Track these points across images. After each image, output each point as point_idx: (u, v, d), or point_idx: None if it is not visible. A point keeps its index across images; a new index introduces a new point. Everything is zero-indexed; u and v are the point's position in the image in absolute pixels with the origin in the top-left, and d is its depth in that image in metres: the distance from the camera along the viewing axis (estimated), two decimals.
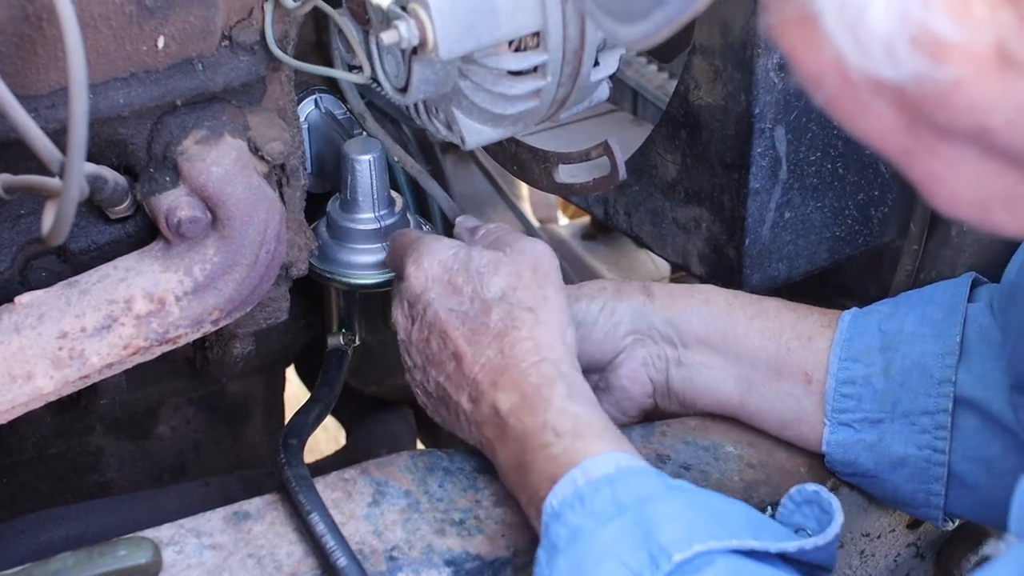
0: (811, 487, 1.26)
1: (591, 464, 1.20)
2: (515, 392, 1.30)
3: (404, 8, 1.20)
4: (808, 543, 1.18)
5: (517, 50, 1.26)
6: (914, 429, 1.37)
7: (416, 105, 1.35)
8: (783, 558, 1.17)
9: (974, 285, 1.43)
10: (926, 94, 0.77)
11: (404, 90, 1.27)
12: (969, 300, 1.41)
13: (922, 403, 1.37)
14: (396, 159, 1.59)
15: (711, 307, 1.46)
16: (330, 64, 1.49)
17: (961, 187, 0.83)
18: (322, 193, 1.57)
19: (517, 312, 1.35)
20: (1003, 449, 1.35)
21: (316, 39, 1.57)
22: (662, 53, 1.77)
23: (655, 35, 0.83)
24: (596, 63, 1.31)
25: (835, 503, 1.24)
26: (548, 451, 1.24)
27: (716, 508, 1.18)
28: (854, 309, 1.44)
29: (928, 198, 0.85)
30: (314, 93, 1.58)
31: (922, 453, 1.37)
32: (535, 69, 1.27)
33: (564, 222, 2.45)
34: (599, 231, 2.22)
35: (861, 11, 0.75)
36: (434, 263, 1.40)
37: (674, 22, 0.82)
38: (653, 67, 1.84)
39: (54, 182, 1.12)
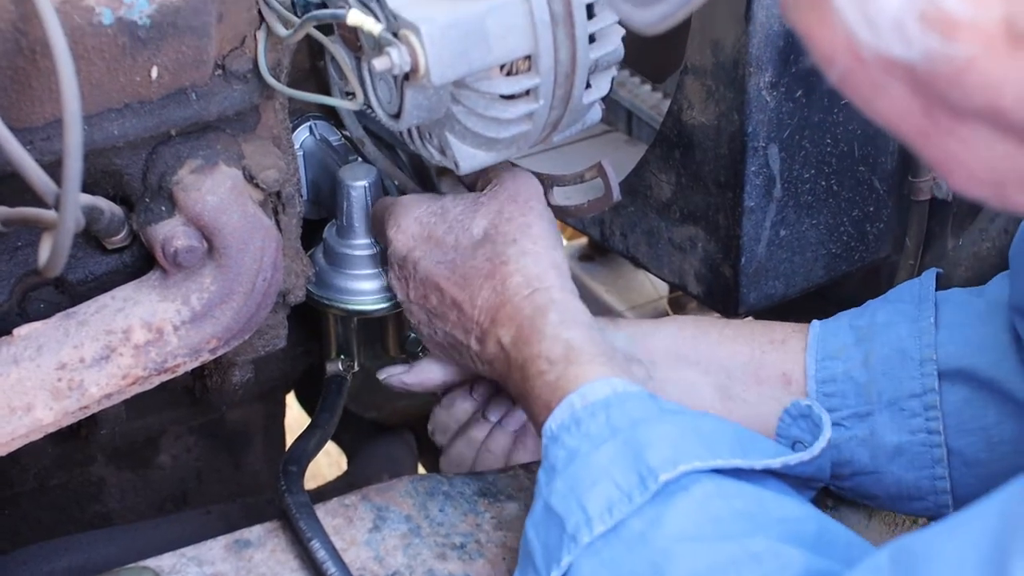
0: (804, 402, 1.31)
1: (588, 389, 1.23)
2: (512, 325, 1.33)
3: (395, 35, 1.21)
4: (792, 458, 1.20)
5: (509, 74, 1.26)
6: (904, 415, 1.37)
7: (409, 131, 1.35)
8: (772, 473, 1.20)
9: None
10: (938, 73, 0.77)
11: (397, 116, 1.28)
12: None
13: (907, 387, 1.37)
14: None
15: (679, 324, 1.47)
16: (325, 91, 1.49)
17: (977, 167, 0.83)
18: (318, 220, 1.57)
19: (501, 248, 1.37)
20: (999, 415, 1.35)
21: (310, 66, 1.57)
22: (655, 74, 1.78)
23: (672, 17, 0.84)
24: (588, 85, 1.31)
25: (825, 417, 1.28)
26: (544, 379, 1.28)
27: (705, 429, 1.20)
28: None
29: (945, 179, 0.86)
30: (309, 120, 1.58)
31: (917, 438, 1.37)
32: (527, 92, 1.27)
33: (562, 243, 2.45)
34: (596, 252, 2.22)
35: None
36: (411, 221, 1.42)
37: (690, 4, 0.83)
38: (647, 87, 1.85)
39: (50, 214, 1.12)
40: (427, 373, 1.51)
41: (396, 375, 1.52)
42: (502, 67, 1.26)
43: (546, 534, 1.17)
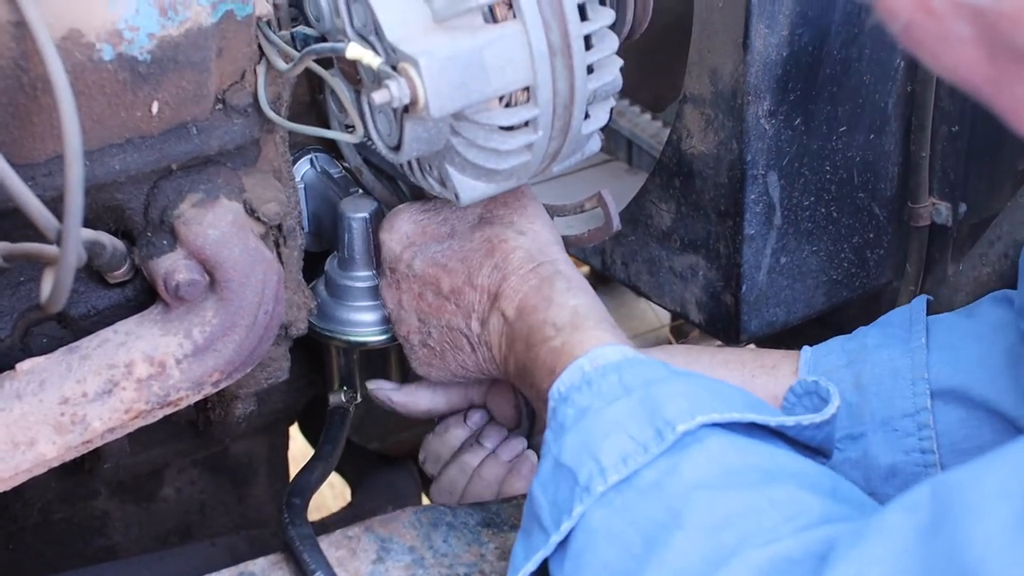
0: (811, 379, 1.30)
1: (598, 353, 1.24)
2: (516, 297, 1.35)
3: (394, 68, 1.21)
4: (805, 419, 1.20)
5: (508, 105, 1.27)
6: (897, 435, 1.37)
7: (410, 163, 1.35)
8: (783, 438, 1.20)
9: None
10: (1003, 12, 0.78)
11: (397, 148, 1.28)
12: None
13: (899, 406, 1.37)
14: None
15: (669, 352, 1.49)
16: (325, 123, 1.50)
17: None
18: (320, 252, 1.57)
19: (499, 229, 1.39)
20: (993, 434, 1.35)
21: (310, 99, 1.58)
22: (654, 103, 1.79)
23: None
24: (587, 116, 1.31)
25: (832, 389, 1.27)
26: (549, 345, 1.29)
27: (719, 388, 1.21)
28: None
29: (1016, 126, 0.86)
30: (309, 152, 1.59)
31: (910, 458, 1.37)
32: (526, 123, 1.28)
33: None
34: (598, 281, 2.22)
35: None
36: (404, 221, 1.44)
37: None
38: (646, 116, 1.85)
39: (52, 250, 1.12)
40: (415, 396, 1.51)
41: (385, 390, 1.52)
42: (501, 99, 1.26)
43: (555, 490, 1.17)
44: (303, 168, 1.58)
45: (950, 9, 0.80)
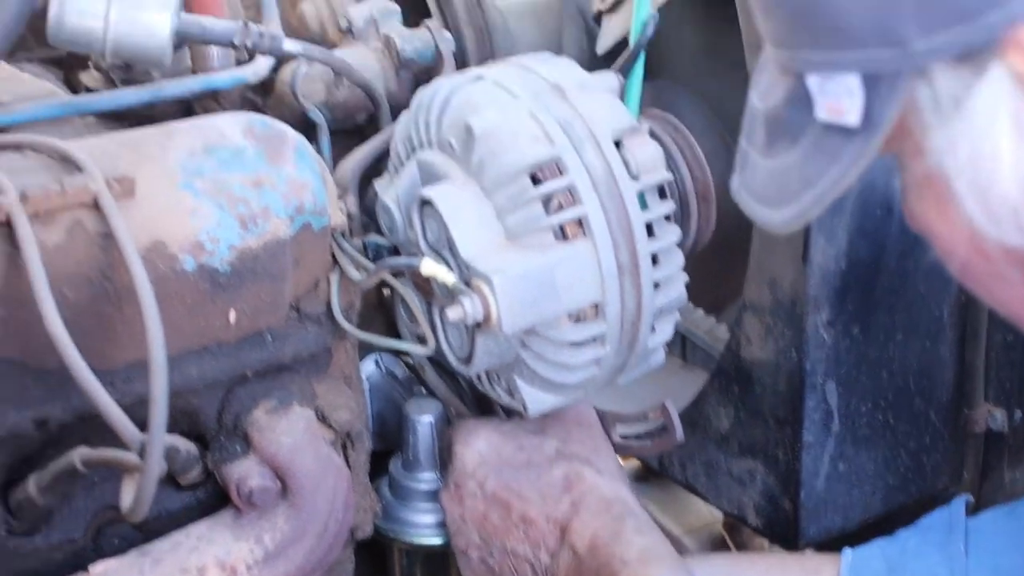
0: None
1: None
2: (588, 533, 1.38)
3: (467, 283, 1.24)
4: None
5: (577, 320, 1.29)
6: None
7: (479, 373, 1.38)
8: None
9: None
10: None
11: (468, 361, 1.30)
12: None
13: None
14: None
15: (714, 561, 1.50)
16: (393, 325, 1.52)
17: None
18: (383, 451, 1.59)
19: (577, 466, 1.42)
20: None
21: (378, 301, 1.60)
22: (713, 306, 1.81)
23: (803, 217, 0.90)
24: (652, 330, 1.34)
25: None
26: None
27: None
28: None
29: None
30: (375, 353, 1.61)
31: None
32: (594, 339, 1.30)
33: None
34: (651, 473, 2.22)
35: (991, 178, 0.81)
36: (481, 441, 1.46)
37: (823, 200, 0.88)
38: (700, 312, 1.87)
39: (132, 458, 1.14)
40: None
41: None
42: (570, 314, 1.28)
43: None
44: (368, 368, 1.60)
45: (1002, 254, 0.84)
